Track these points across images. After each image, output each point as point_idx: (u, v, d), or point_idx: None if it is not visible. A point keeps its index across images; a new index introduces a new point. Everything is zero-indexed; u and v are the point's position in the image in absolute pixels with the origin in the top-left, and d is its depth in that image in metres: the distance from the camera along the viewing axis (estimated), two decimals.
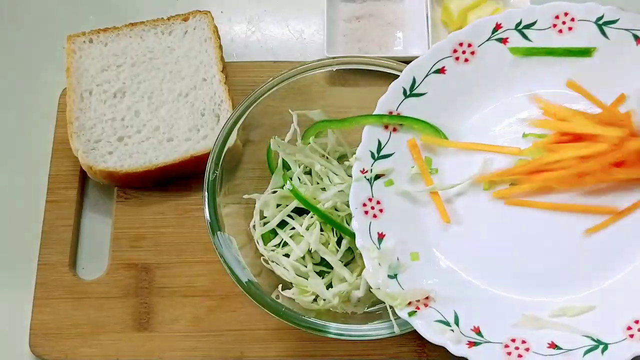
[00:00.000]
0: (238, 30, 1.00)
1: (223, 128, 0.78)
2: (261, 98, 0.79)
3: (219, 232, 0.74)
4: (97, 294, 0.82)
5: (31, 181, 0.89)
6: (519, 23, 0.75)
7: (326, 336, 0.70)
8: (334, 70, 0.81)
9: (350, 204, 0.72)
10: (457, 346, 0.66)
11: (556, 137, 0.72)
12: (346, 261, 0.78)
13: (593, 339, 0.65)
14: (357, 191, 0.73)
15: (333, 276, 0.77)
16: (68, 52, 0.91)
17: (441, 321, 0.67)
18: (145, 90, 0.89)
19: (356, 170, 0.73)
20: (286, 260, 0.76)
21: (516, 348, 0.66)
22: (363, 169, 0.73)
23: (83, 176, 0.88)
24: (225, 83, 0.89)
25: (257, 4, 1.02)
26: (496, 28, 0.75)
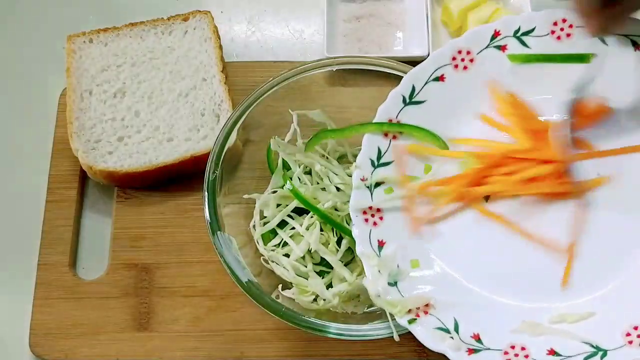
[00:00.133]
0: (238, 30, 1.00)
1: (223, 128, 0.78)
2: (261, 98, 0.79)
3: (219, 232, 0.74)
4: (97, 294, 0.82)
5: (31, 181, 0.88)
6: (518, 30, 0.74)
7: (326, 336, 0.70)
8: (334, 70, 0.81)
9: (350, 212, 0.72)
10: (457, 353, 0.65)
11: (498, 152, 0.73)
12: (346, 261, 0.78)
13: (592, 346, 0.65)
14: (357, 199, 0.72)
15: (333, 276, 0.77)
16: (68, 52, 0.90)
17: (441, 328, 0.67)
18: (145, 90, 0.89)
19: (356, 178, 0.73)
20: (286, 260, 0.76)
21: (516, 355, 0.66)
22: (363, 177, 0.73)
23: (83, 176, 0.88)
24: (225, 83, 0.89)
25: (257, 4, 1.02)
26: (495, 35, 0.74)
